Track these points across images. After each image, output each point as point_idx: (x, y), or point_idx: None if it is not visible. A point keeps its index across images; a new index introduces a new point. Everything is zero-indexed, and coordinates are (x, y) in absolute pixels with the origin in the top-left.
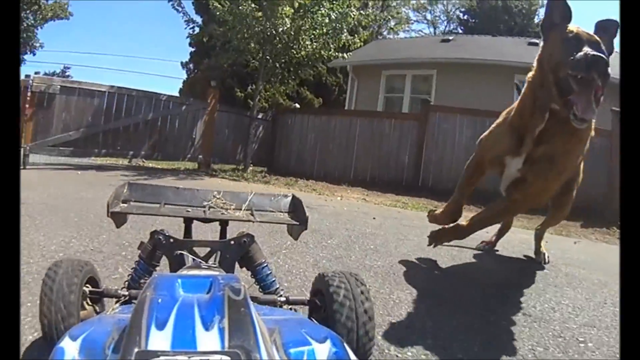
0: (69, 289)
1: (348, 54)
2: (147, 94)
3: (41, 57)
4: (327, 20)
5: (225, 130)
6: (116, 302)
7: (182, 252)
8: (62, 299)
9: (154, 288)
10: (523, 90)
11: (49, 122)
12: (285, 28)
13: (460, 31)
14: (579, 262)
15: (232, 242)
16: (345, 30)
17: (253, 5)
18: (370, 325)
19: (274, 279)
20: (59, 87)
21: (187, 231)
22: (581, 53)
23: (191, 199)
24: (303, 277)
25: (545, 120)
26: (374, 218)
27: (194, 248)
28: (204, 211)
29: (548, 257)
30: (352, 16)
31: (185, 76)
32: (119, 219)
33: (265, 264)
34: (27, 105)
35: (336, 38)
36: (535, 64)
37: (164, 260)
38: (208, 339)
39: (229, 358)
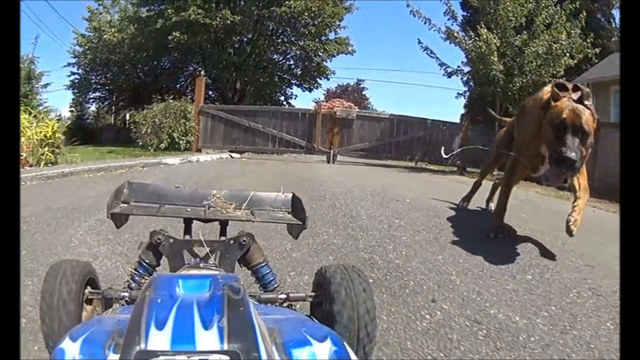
0: (68, 295)
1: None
2: (418, 119)
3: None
4: (537, 55)
5: (476, 143)
6: (116, 302)
7: (182, 252)
8: (62, 304)
9: (154, 288)
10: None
11: (351, 135)
12: (497, 72)
13: None
14: None
15: (232, 242)
16: (563, 57)
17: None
18: (372, 326)
19: (273, 278)
20: (355, 114)
21: (187, 231)
22: (558, 150)
23: (191, 198)
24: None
25: None
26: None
27: (194, 248)
28: (204, 211)
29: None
30: (559, 47)
31: (463, 89)
32: (119, 219)
33: (265, 263)
34: (334, 125)
35: (551, 67)
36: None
37: (164, 261)
38: (207, 339)
39: (228, 357)
